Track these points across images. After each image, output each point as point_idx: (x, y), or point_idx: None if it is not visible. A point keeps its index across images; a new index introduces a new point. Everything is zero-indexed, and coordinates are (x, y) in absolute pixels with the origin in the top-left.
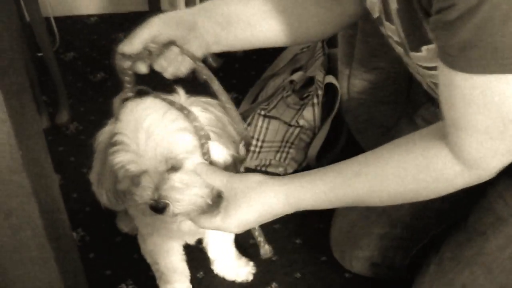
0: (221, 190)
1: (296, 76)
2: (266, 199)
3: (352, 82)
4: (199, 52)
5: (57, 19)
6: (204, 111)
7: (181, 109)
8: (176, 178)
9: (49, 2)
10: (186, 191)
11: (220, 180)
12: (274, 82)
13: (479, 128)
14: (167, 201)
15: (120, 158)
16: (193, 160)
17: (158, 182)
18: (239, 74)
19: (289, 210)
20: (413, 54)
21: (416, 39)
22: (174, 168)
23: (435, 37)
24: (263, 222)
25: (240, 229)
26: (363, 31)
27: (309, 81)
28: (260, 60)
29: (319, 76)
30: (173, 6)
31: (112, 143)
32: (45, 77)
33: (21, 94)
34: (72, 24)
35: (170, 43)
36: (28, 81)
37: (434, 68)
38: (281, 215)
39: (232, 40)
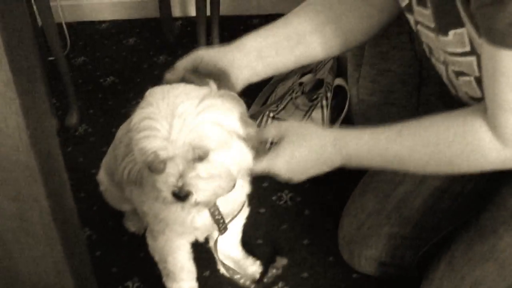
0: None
1: (306, 79)
2: (315, 140)
3: (362, 85)
4: (240, 84)
5: (69, 24)
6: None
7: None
8: (202, 168)
9: (61, 8)
10: (210, 181)
11: (274, 128)
12: (283, 86)
13: None
14: (191, 189)
15: (152, 144)
16: (221, 153)
17: (184, 170)
18: None
19: (336, 155)
20: (441, 39)
21: (446, 22)
22: (200, 157)
23: (479, 15)
24: (312, 169)
25: (289, 170)
26: None
27: (319, 84)
28: None
29: (329, 78)
30: (184, 13)
31: (141, 128)
32: (56, 80)
33: (31, 73)
34: (84, 30)
35: (207, 77)
36: (38, 61)
37: (459, 55)
38: (329, 165)
39: (281, 65)
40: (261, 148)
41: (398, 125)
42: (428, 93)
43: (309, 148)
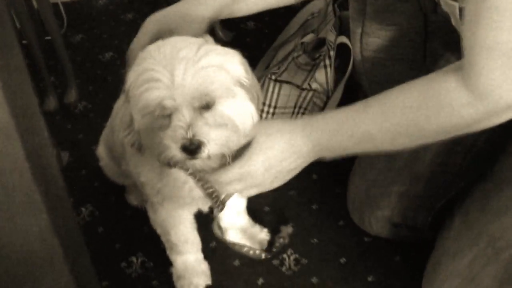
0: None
1: (307, 38)
2: (285, 134)
3: (365, 41)
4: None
5: (65, 3)
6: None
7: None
8: (210, 116)
9: None
10: (220, 130)
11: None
12: (284, 50)
13: (506, 49)
14: (202, 139)
15: (155, 93)
16: (227, 102)
17: (191, 120)
18: (250, 47)
19: (306, 144)
20: None
21: None
22: (206, 107)
23: None
24: (290, 166)
25: (268, 174)
26: None
27: (321, 43)
28: (272, 33)
29: (331, 36)
30: None
31: (140, 82)
32: (54, 59)
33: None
34: (81, 8)
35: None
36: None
37: None
38: (304, 156)
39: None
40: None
41: (367, 99)
42: (434, 46)
43: (281, 147)
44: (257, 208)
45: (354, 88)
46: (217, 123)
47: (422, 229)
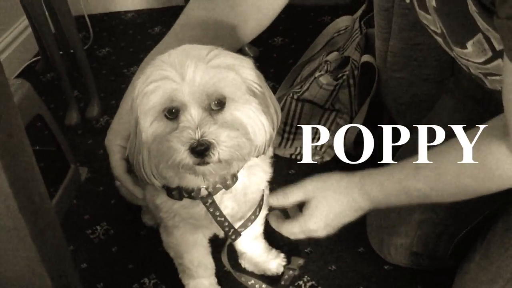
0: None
1: (331, 57)
2: (343, 197)
3: (391, 60)
4: None
5: (92, 16)
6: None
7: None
8: (220, 117)
9: (84, 1)
10: (231, 132)
11: (299, 191)
12: (309, 67)
13: None
14: (211, 140)
15: (165, 86)
16: (238, 105)
17: (200, 120)
18: (276, 63)
19: (365, 202)
20: (458, 50)
21: (461, 34)
22: (218, 107)
23: (505, 29)
24: (346, 218)
25: (326, 226)
26: (400, 3)
27: (345, 62)
28: (299, 49)
29: (355, 55)
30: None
31: (149, 82)
32: (78, 73)
33: None
34: (108, 21)
35: None
36: None
37: (482, 63)
38: (362, 211)
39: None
40: (293, 210)
41: (412, 160)
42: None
43: (340, 204)
44: (274, 231)
45: (378, 109)
46: (227, 125)
47: (444, 259)
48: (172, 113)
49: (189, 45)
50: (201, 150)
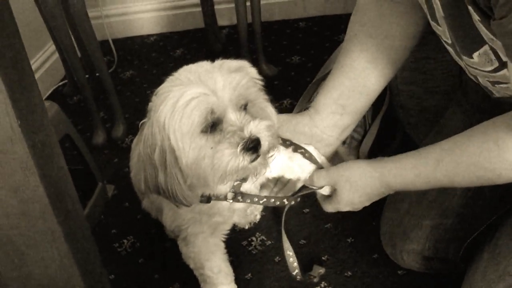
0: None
1: None
2: (367, 186)
3: (401, 74)
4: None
5: (116, 40)
6: None
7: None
8: (251, 113)
9: (108, 25)
10: (266, 123)
11: (324, 178)
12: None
13: None
14: (259, 136)
15: (206, 102)
16: (259, 100)
17: (241, 122)
18: (294, 81)
19: (386, 190)
20: (465, 58)
21: (468, 44)
22: (245, 107)
23: (503, 43)
24: (371, 201)
25: (353, 207)
26: None
27: None
28: (317, 67)
29: None
30: (230, 22)
31: (185, 102)
32: (104, 95)
33: (19, 63)
34: (132, 44)
35: None
36: (25, 51)
37: (489, 72)
38: (383, 196)
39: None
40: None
41: (434, 152)
42: (467, 77)
43: (363, 191)
44: (294, 240)
45: (392, 121)
46: (260, 118)
47: (454, 261)
48: (212, 126)
49: (191, 65)
50: (254, 146)
